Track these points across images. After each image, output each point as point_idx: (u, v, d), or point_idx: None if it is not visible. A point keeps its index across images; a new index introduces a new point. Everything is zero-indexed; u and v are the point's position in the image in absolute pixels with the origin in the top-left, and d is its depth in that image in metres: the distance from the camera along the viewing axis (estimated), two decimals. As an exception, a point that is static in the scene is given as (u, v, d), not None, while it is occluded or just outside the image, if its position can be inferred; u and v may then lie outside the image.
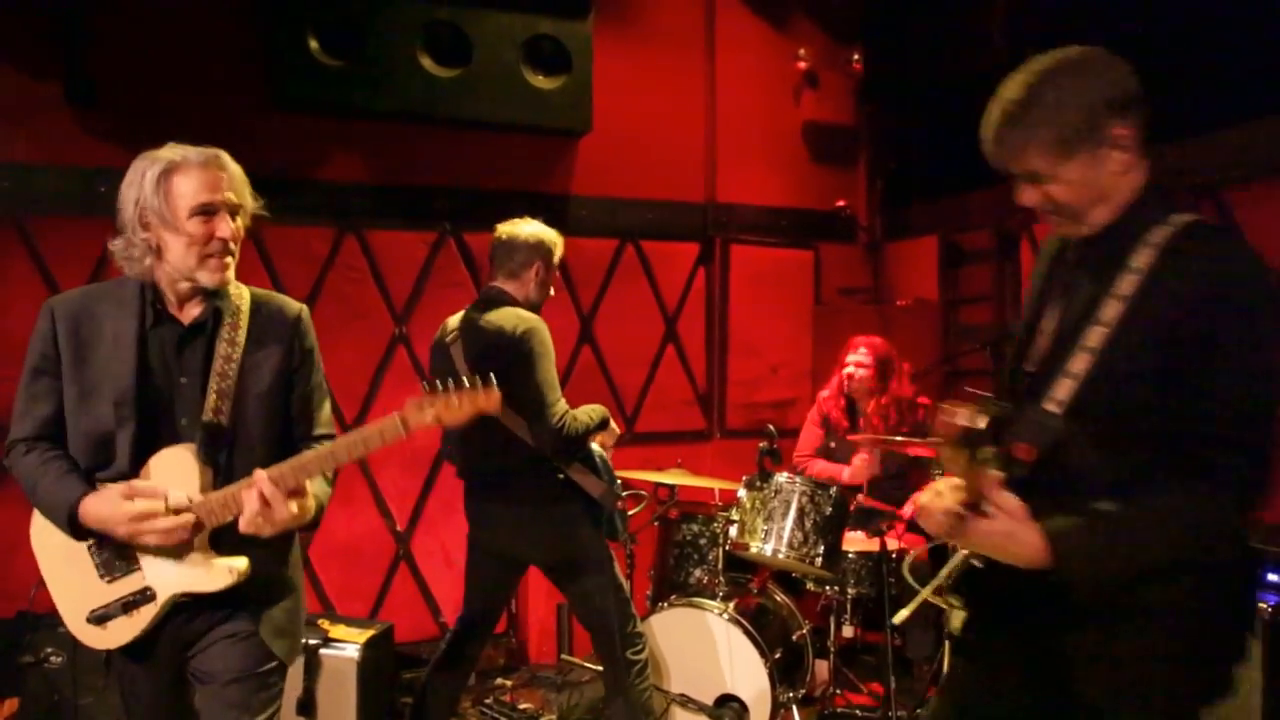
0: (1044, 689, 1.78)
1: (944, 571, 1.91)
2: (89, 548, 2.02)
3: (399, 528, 4.49)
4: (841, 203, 5.36)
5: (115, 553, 2.00)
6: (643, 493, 3.67)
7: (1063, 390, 1.66)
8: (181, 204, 1.95)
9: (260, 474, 1.92)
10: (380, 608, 4.44)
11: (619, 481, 3.14)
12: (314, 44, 3.98)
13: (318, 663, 3.56)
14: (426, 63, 4.16)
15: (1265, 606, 2.63)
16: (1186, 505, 1.58)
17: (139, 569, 2.00)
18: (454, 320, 3.22)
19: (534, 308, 3.16)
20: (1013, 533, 1.58)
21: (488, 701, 4.03)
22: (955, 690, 1.98)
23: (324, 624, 3.73)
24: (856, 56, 5.25)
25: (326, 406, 2.22)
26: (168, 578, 1.99)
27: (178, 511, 1.93)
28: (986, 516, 1.59)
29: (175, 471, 1.97)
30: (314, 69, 3.99)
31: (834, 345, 4.54)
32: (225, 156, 2.04)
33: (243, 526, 1.93)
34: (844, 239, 5.46)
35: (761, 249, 5.18)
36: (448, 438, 3.37)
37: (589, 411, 3.05)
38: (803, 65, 5.18)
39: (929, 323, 5.14)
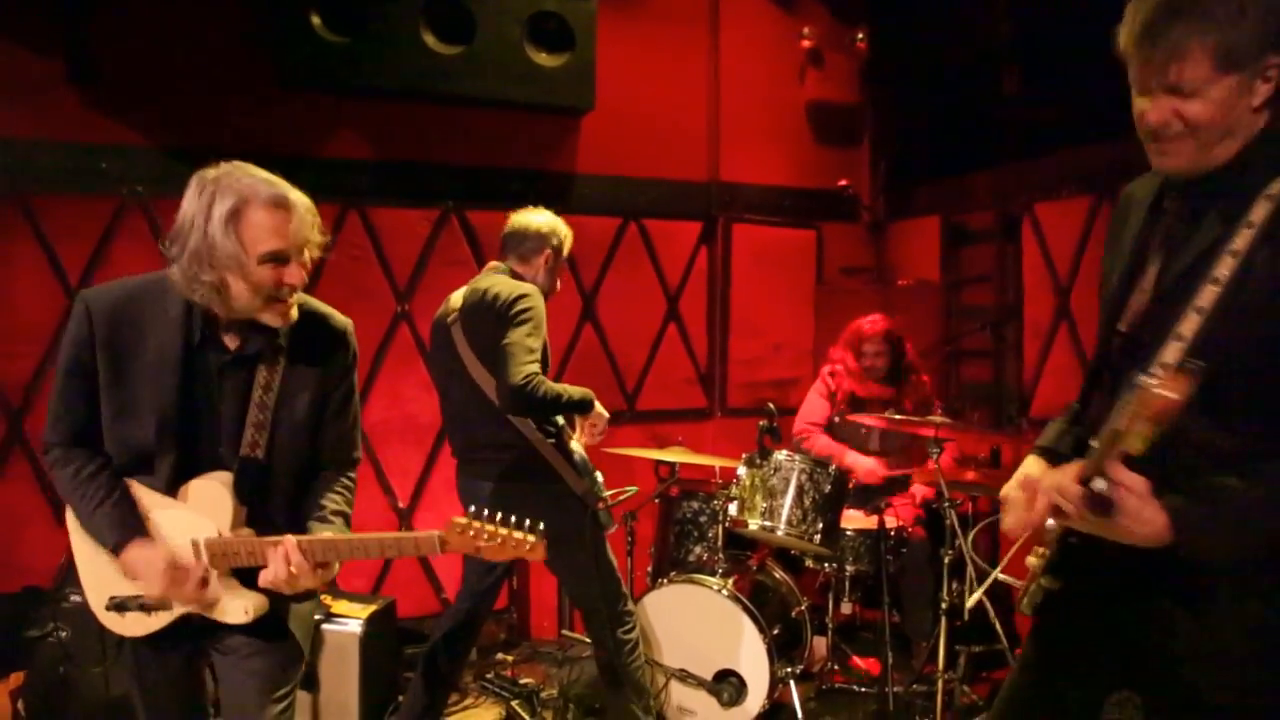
0: (1133, 673, 1.72)
1: (1010, 552, 1.86)
2: None
3: (401, 505, 4.52)
4: (844, 182, 5.34)
5: None
6: (631, 489, 3.67)
7: (1171, 354, 1.53)
8: (251, 250, 1.85)
9: (290, 542, 1.87)
10: (382, 584, 4.47)
11: (600, 482, 3.12)
12: (317, 20, 3.96)
13: (320, 638, 3.60)
14: (429, 40, 4.14)
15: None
16: None
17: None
18: (456, 298, 3.23)
19: (545, 292, 3.18)
20: (1138, 512, 1.48)
21: (489, 676, 4.07)
22: (1029, 668, 1.87)
23: (326, 599, 3.76)
24: (861, 36, 5.22)
25: (358, 434, 2.17)
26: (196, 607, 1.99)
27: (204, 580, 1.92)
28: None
29: (210, 502, 1.95)
30: (317, 46, 3.97)
31: (836, 325, 4.55)
32: (294, 196, 1.93)
33: (262, 582, 1.90)
34: (847, 219, 5.45)
35: (764, 228, 5.18)
36: (445, 416, 3.39)
37: (570, 388, 3.02)
38: (807, 44, 5.16)
39: (931, 303, 5.14)
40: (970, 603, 3.28)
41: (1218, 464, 1.53)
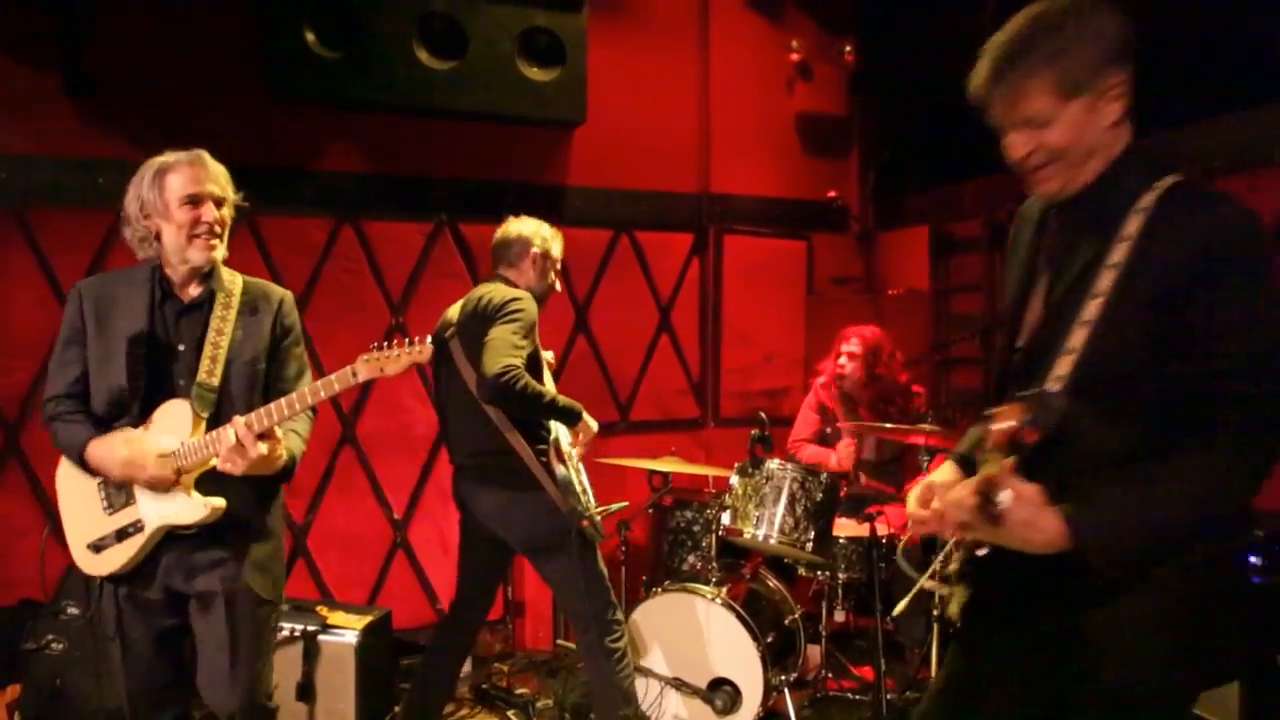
0: (1047, 680, 1.75)
1: (940, 558, 1.89)
2: (99, 485, 2.39)
3: (396, 516, 4.53)
4: (834, 193, 5.40)
5: (117, 490, 2.37)
6: (620, 504, 3.69)
7: (1063, 366, 1.62)
8: (172, 196, 2.35)
9: (236, 418, 2.26)
10: (378, 595, 4.48)
11: (584, 501, 3.14)
12: (310, 36, 3.99)
13: (316, 649, 3.61)
14: (422, 55, 4.18)
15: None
16: (1204, 465, 1.53)
17: (134, 504, 2.36)
18: (453, 311, 3.27)
19: (539, 296, 3.23)
20: (1032, 520, 1.55)
21: (484, 686, 4.08)
22: (952, 685, 1.91)
23: (322, 610, 3.77)
24: (849, 48, 5.28)
25: (307, 377, 2.54)
26: (155, 512, 2.34)
27: (164, 456, 2.30)
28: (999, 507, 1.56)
29: (173, 421, 2.34)
30: (310, 61, 4.01)
31: (826, 334, 4.59)
32: (207, 155, 2.43)
33: (219, 464, 2.26)
34: (836, 229, 5.50)
35: (755, 239, 5.22)
36: (441, 424, 3.43)
37: (557, 395, 3.04)
38: (795, 57, 5.22)
39: (920, 312, 5.19)
40: (897, 611, 3.31)
41: (1110, 466, 1.60)
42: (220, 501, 2.33)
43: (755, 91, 5.19)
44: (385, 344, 2.34)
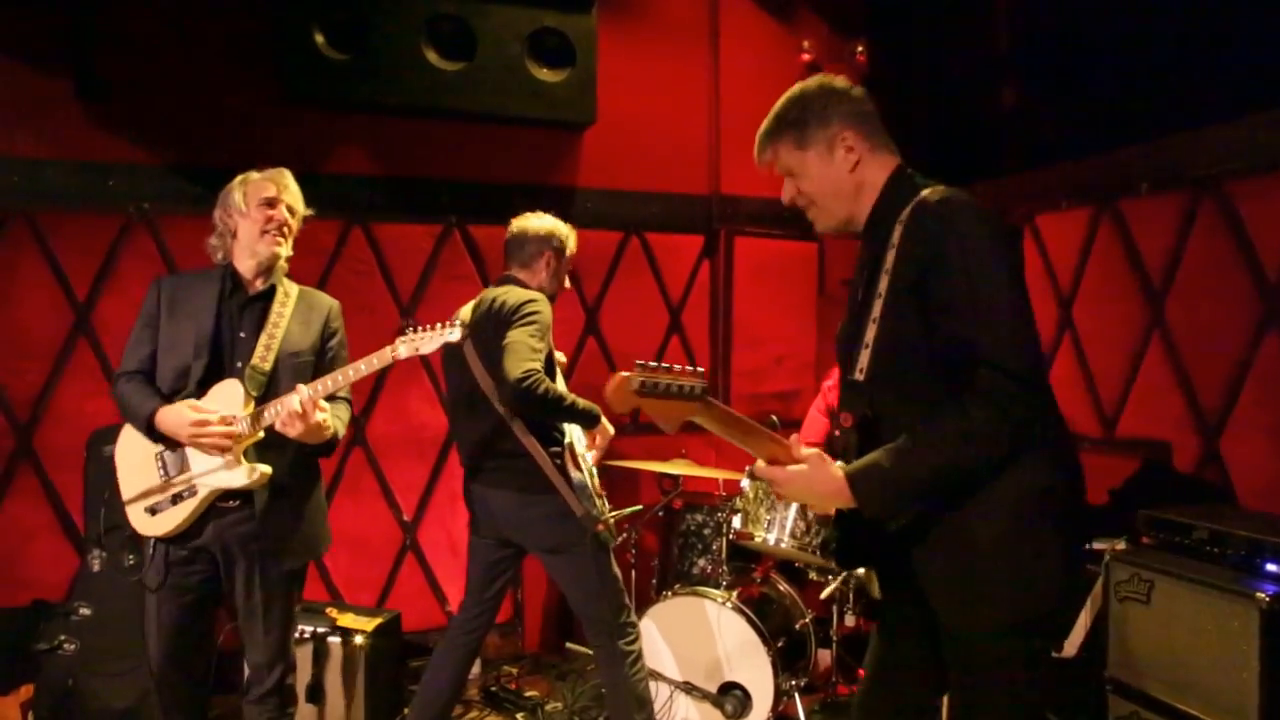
0: (922, 627, 1.97)
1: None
2: (155, 455, 2.67)
3: (406, 518, 4.53)
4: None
5: (174, 458, 2.66)
6: (632, 508, 3.66)
7: (863, 359, 1.94)
8: (251, 198, 2.72)
9: (300, 386, 2.58)
10: (388, 597, 4.49)
11: (598, 506, 3.13)
12: (319, 38, 4.00)
13: (326, 650, 3.62)
14: (431, 56, 4.18)
15: (1263, 596, 2.65)
16: (950, 419, 1.76)
17: (189, 470, 2.64)
18: (465, 312, 3.26)
19: (550, 296, 3.23)
20: (811, 475, 1.84)
21: (493, 688, 4.08)
22: (873, 645, 2.19)
23: (332, 612, 3.78)
24: (860, 49, 5.24)
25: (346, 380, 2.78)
26: (208, 478, 2.62)
27: (227, 423, 2.58)
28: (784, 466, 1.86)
29: (227, 396, 2.64)
30: (320, 63, 4.01)
31: (837, 336, 4.56)
32: (288, 172, 2.82)
33: (279, 425, 2.57)
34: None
35: (766, 241, 5.19)
36: (452, 426, 3.42)
37: (576, 398, 3.04)
38: (807, 57, 5.18)
39: (932, 314, 5.14)
40: (824, 594, 3.64)
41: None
42: (267, 468, 2.62)
43: (766, 92, 5.04)
44: (421, 327, 2.69)
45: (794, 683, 3.65)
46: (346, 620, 3.72)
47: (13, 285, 3.93)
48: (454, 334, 2.64)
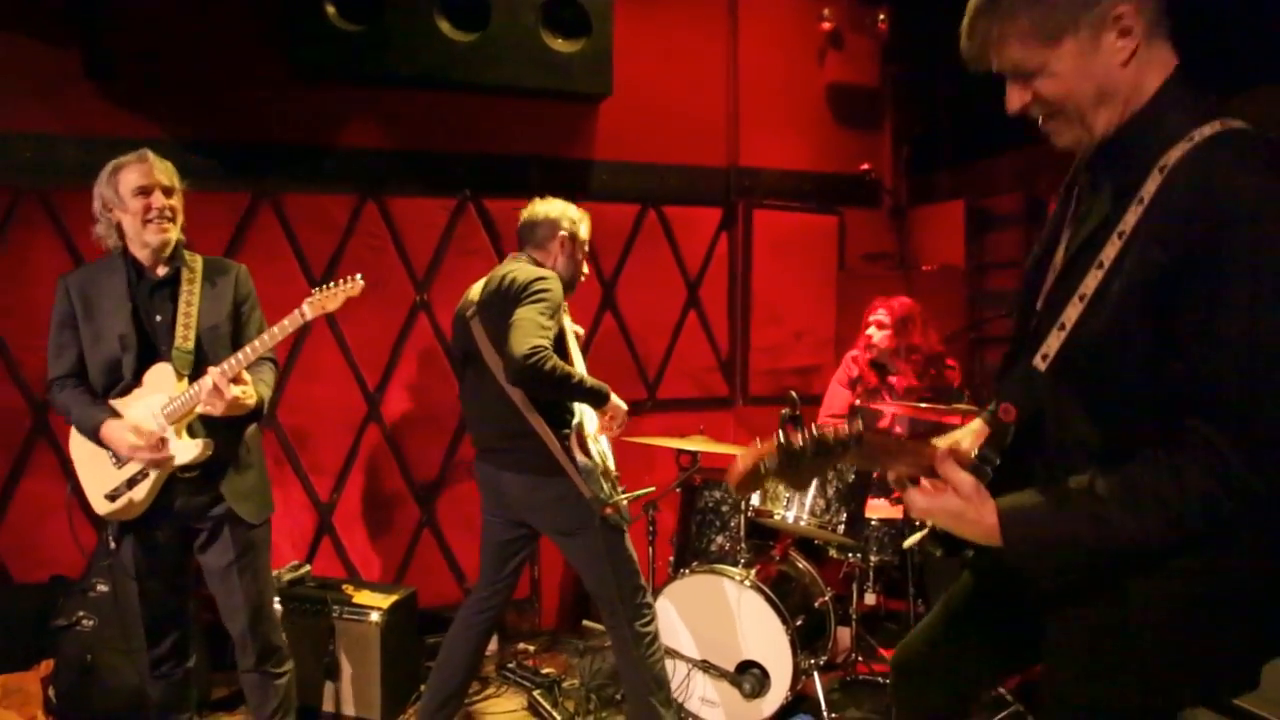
0: (1025, 637, 1.66)
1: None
2: None
3: (422, 494, 4.51)
4: (866, 166, 5.27)
5: None
6: (644, 490, 3.61)
7: (1052, 343, 1.46)
8: (124, 189, 2.74)
9: (211, 368, 2.68)
10: (404, 574, 4.48)
11: (607, 488, 3.06)
12: (331, 10, 3.93)
13: (342, 626, 3.62)
14: (444, 27, 4.10)
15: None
16: (1155, 481, 1.35)
17: None
18: (475, 290, 3.22)
19: (567, 282, 3.17)
20: (960, 512, 1.46)
21: (510, 666, 4.07)
22: (953, 603, 1.88)
23: (348, 589, 3.78)
24: (882, 16, 5.13)
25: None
26: (157, 462, 2.73)
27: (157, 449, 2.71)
28: (936, 488, 1.48)
29: (160, 381, 2.75)
30: (331, 36, 3.95)
31: (858, 311, 4.49)
32: (152, 155, 2.81)
33: (201, 408, 2.67)
34: (869, 204, 5.38)
35: (785, 214, 5.12)
36: (463, 406, 3.39)
37: (585, 375, 2.99)
38: (827, 26, 5.08)
39: (955, 288, 5.07)
40: (909, 543, 3.34)
41: (1088, 461, 1.44)
42: (209, 441, 2.75)
43: (785, 62, 5.07)
44: (325, 286, 2.79)
45: (813, 661, 3.61)
46: (363, 597, 3.71)
47: (26, 262, 3.92)
48: (354, 288, 2.80)
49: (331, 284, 2.79)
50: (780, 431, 1.45)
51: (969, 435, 1.74)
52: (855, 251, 5.36)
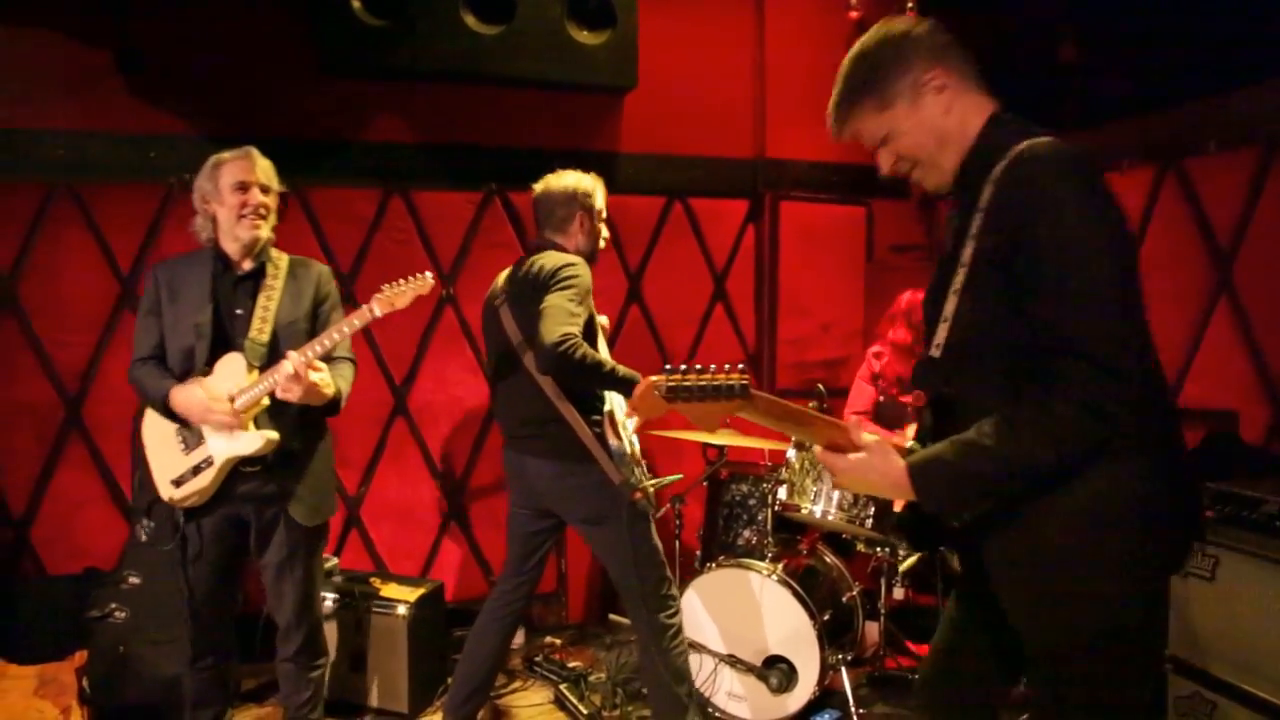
0: (996, 616, 1.84)
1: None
2: (176, 430, 2.86)
3: (449, 488, 4.53)
4: (895, 157, 5.20)
5: (191, 433, 2.85)
6: (675, 476, 3.59)
7: (941, 334, 1.76)
8: (224, 184, 2.82)
9: (291, 352, 2.70)
10: (431, 566, 4.50)
11: (639, 474, 3.06)
12: (356, 4, 3.94)
13: (369, 620, 3.64)
14: (469, 20, 4.09)
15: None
16: (1028, 413, 1.61)
17: (205, 443, 2.82)
18: (502, 279, 3.22)
19: (589, 257, 3.15)
20: (873, 465, 1.72)
21: (537, 659, 4.08)
22: (944, 625, 2.08)
23: (375, 582, 3.80)
24: (911, 4, 5.06)
25: (347, 343, 2.92)
26: (222, 447, 2.80)
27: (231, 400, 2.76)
28: (846, 454, 1.74)
29: (231, 370, 2.80)
30: (356, 30, 3.95)
31: (886, 303, 4.44)
32: (255, 150, 2.87)
33: (279, 392, 2.70)
34: (897, 194, 5.30)
35: (812, 205, 5.07)
36: (492, 394, 3.39)
37: (616, 364, 2.96)
38: (855, 15, 5.01)
39: (985, 279, 5.00)
40: (903, 568, 3.63)
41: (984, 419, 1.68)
42: (274, 434, 2.79)
43: (812, 52, 5.00)
44: (394, 283, 2.78)
45: (840, 656, 3.58)
46: (390, 590, 3.73)
47: (58, 258, 3.96)
48: (424, 284, 2.79)
49: (400, 281, 2.78)
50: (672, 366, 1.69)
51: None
52: (883, 243, 5.30)
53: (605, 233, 3.26)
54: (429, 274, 2.80)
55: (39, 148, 3.89)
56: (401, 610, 3.63)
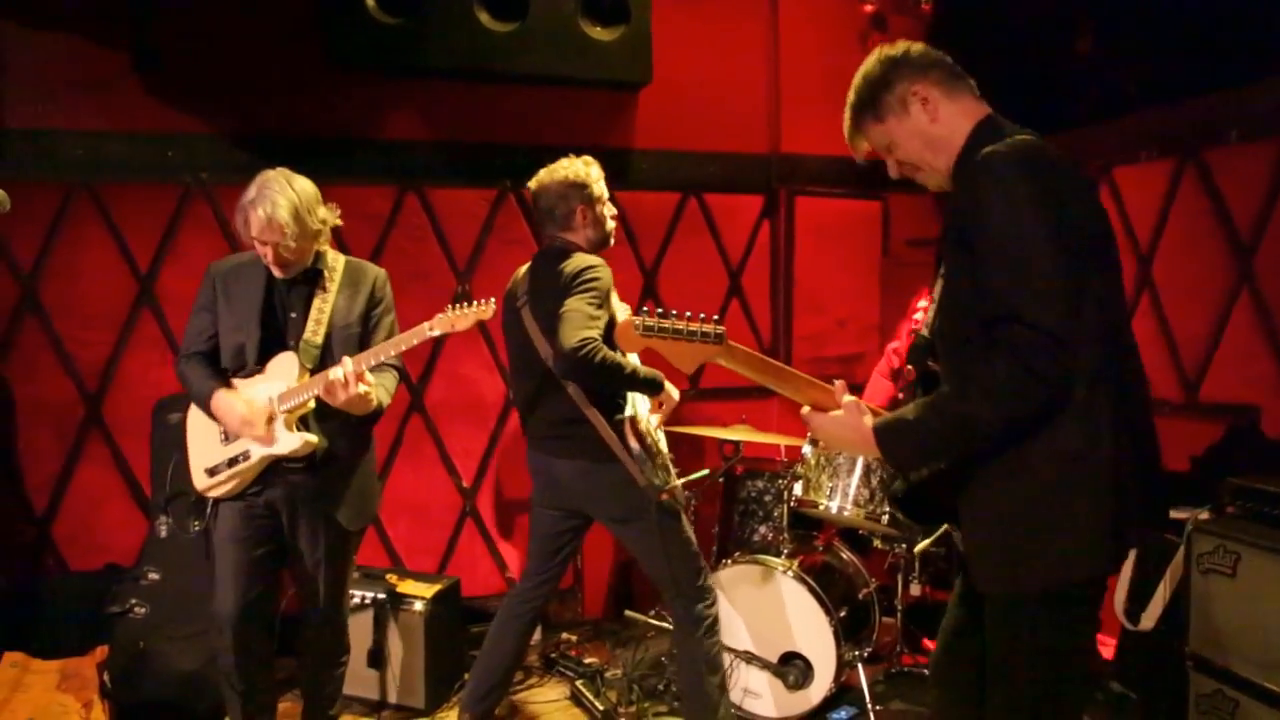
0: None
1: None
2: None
3: (465, 484, 4.54)
4: (911, 151, 5.17)
5: None
6: (702, 472, 3.57)
7: (929, 313, 2.02)
8: (249, 231, 2.77)
9: (345, 358, 2.71)
10: (448, 564, 4.51)
11: (661, 476, 3.05)
12: (370, 2, 3.94)
13: (386, 616, 3.65)
14: (483, 18, 4.09)
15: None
16: (974, 374, 1.77)
17: (244, 437, 2.82)
18: (523, 276, 3.20)
19: (601, 245, 3.14)
20: (844, 421, 1.91)
21: (553, 655, 4.08)
22: (951, 605, 2.20)
23: (392, 578, 3.81)
24: (925, 3, 5.03)
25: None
26: (260, 446, 2.81)
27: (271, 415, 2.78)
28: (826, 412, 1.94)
29: (283, 370, 2.82)
30: (371, 27, 3.96)
31: (902, 298, 4.41)
32: (261, 210, 2.71)
33: (323, 394, 2.71)
34: (913, 189, 5.25)
35: (828, 200, 5.05)
36: (514, 395, 3.39)
37: (638, 365, 2.96)
38: (870, 8, 4.99)
39: (1002, 273, 4.96)
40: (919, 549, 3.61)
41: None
42: (314, 437, 2.81)
43: (827, 45, 4.98)
44: (457, 305, 2.78)
45: (857, 653, 3.57)
46: (406, 586, 3.75)
47: (77, 258, 3.99)
48: (486, 311, 2.75)
49: (464, 304, 2.77)
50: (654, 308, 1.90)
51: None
52: (900, 237, 5.27)
53: (612, 211, 3.20)
54: (493, 300, 2.78)
55: (58, 148, 3.92)
56: (418, 607, 3.64)
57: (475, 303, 2.77)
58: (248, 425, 2.77)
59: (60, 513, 4.04)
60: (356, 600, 3.68)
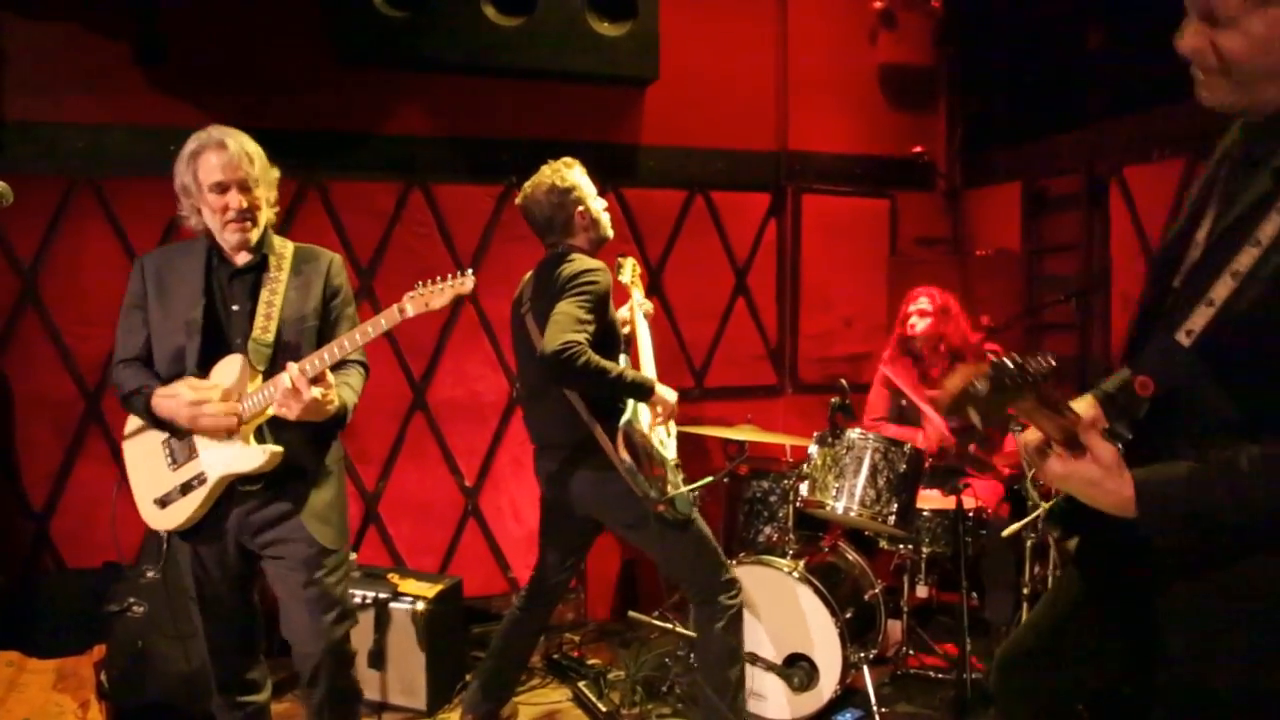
0: (1137, 631, 1.59)
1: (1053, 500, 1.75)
2: (163, 442, 2.52)
3: (468, 483, 4.50)
4: (919, 149, 5.15)
5: (180, 445, 2.49)
6: (704, 480, 3.53)
7: (1199, 319, 1.42)
8: (203, 182, 2.46)
9: (290, 364, 2.36)
10: (450, 563, 4.47)
11: (658, 486, 2.99)
12: (376, -4, 3.92)
13: (387, 616, 3.62)
14: (490, 12, 4.07)
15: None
16: None
17: (197, 457, 2.47)
18: (528, 282, 3.18)
19: (601, 241, 3.13)
20: (1098, 481, 1.42)
21: (555, 656, 4.05)
22: (1059, 600, 1.83)
23: (394, 578, 3.78)
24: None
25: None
26: (217, 462, 2.44)
27: (228, 398, 2.41)
28: (1074, 457, 1.43)
29: (230, 375, 2.46)
30: (377, 21, 3.93)
31: (912, 297, 4.38)
32: (234, 141, 2.46)
33: (275, 408, 2.37)
34: (922, 186, 5.25)
35: (835, 198, 5.01)
36: (521, 403, 3.35)
37: (626, 369, 2.92)
38: (879, 5, 4.96)
39: (1011, 273, 4.93)
40: (1006, 533, 3.28)
41: (1227, 437, 1.39)
42: (277, 447, 2.44)
43: (836, 42, 4.95)
44: (430, 281, 2.42)
45: (862, 655, 3.53)
46: (408, 586, 3.71)
47: (78, 251, 3.97)
48: (464, 284, 2.40)
49: (438, 279, 2.41)
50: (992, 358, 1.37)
51: (1084, 406, 1.66)
52: (908, 235, 5.23)
53: (603, 204, 3.17)
54: (469, 273, 2.43)
55: (59, 141, 3.89)
56: (420, 606, 3.60)
57: (449, 276, 2.41)
58: (203, 411, 2.37)
59: (59, 509, 4.01)
60: (357, 600, 3.64)
